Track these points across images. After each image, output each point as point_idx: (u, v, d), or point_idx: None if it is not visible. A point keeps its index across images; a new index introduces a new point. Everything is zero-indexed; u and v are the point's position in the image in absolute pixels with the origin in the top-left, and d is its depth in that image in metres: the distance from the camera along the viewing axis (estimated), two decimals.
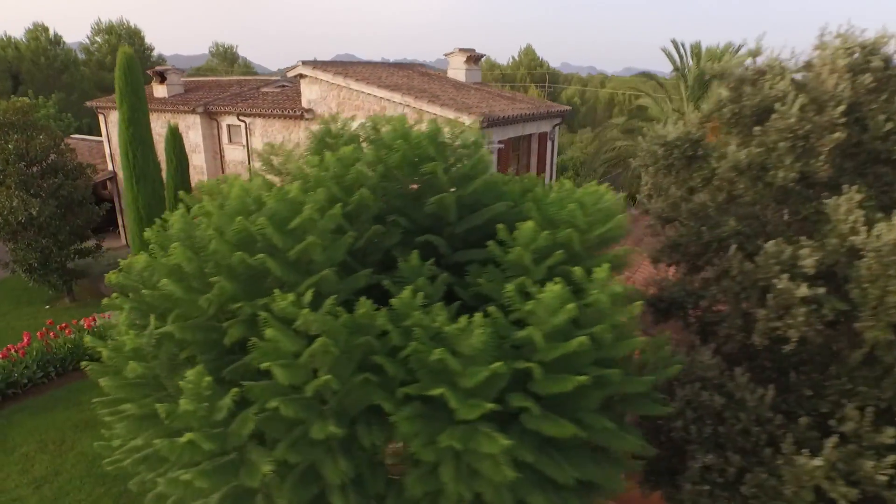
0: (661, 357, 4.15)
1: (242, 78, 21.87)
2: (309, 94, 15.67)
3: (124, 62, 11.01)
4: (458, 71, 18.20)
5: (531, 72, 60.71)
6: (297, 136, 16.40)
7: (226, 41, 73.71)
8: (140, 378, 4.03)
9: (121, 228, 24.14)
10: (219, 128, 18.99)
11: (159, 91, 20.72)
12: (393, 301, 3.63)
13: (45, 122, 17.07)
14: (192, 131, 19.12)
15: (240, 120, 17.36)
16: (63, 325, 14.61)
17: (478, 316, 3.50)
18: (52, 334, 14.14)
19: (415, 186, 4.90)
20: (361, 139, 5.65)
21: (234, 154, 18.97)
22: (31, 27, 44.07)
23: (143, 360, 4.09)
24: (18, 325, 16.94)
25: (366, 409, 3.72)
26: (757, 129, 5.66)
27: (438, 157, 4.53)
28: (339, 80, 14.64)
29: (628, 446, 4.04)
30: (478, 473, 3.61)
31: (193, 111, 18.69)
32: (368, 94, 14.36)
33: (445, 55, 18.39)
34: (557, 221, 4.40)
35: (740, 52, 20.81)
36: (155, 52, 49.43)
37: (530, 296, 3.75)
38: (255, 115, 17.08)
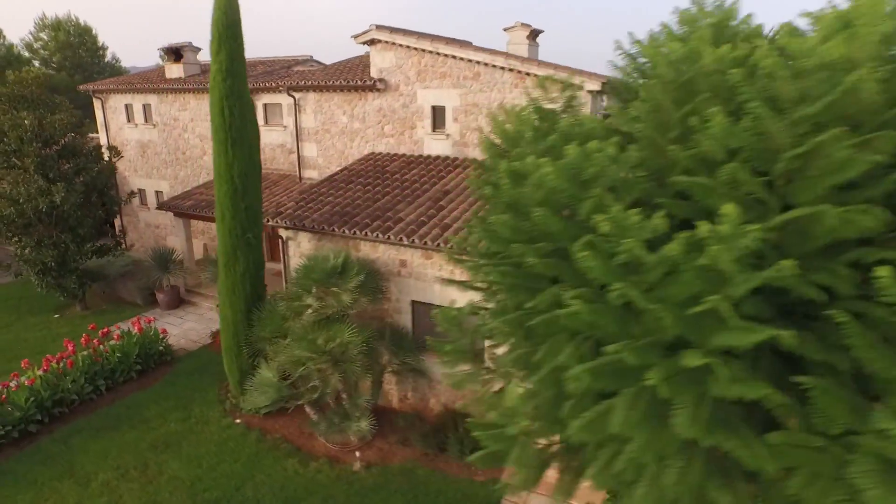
0: None
1: (267, 58, 19.83)
2: (381, 62, 14.10)
3: (224, 2, 9.18)
4: (518, 46, 17.05)
5: None
6: (362, 111, 14.76)
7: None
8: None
9: (116, 228, 21.30)
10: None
11: (173, 71, 18.44)
12: None
13: (61, 99, 14.52)
14: None
15: (290, 95, 15.49)
16: (105, 329, 12.25)
17: None
18: (95, 341, 11.78)
19: None
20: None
21: (270, 137, 17.00)
22: None
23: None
24: (29, 336, 14.25)
25: None
26: None
27: None
28: (426, 45, 13.22)
29: None
30: None
31: None
32: (461, 58, 13.03)
33: (505, 30, 17.26)
34: None
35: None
36: (109, 54, 45.31)
37: None
38: (308, 89, 15.27)
